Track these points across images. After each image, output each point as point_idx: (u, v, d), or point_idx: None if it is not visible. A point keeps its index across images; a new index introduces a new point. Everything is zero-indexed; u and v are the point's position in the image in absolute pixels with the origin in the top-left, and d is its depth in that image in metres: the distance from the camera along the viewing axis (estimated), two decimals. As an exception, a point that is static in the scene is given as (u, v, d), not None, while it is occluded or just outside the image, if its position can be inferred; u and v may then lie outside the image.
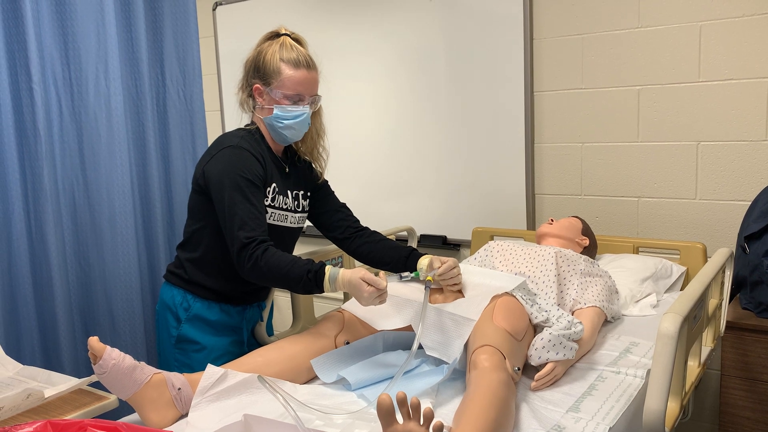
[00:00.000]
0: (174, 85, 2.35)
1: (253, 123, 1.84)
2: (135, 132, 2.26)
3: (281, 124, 1.76)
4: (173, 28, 2.34)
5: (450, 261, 1.77)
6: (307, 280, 1.60)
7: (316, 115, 1.87)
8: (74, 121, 2.10)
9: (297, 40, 1.79)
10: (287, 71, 1.73)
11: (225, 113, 3.76)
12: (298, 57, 1.74)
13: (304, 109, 1.77)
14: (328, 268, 1.61)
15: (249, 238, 1.62)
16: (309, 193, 1.94)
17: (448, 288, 1.80)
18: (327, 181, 1.99)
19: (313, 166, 1.96)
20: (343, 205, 2.00)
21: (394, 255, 1.88)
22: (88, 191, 2.13)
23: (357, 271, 1.58)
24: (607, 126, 2.63)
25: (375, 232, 1.96)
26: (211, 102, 3.76)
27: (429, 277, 1.72)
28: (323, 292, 1.63)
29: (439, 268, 1.75)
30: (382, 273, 1.62)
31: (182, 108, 2.38)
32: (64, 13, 2.06)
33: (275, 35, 1.78)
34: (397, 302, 1.75)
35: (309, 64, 1.76)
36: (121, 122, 2.15)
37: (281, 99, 1.75)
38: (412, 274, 1.80)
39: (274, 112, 1.75)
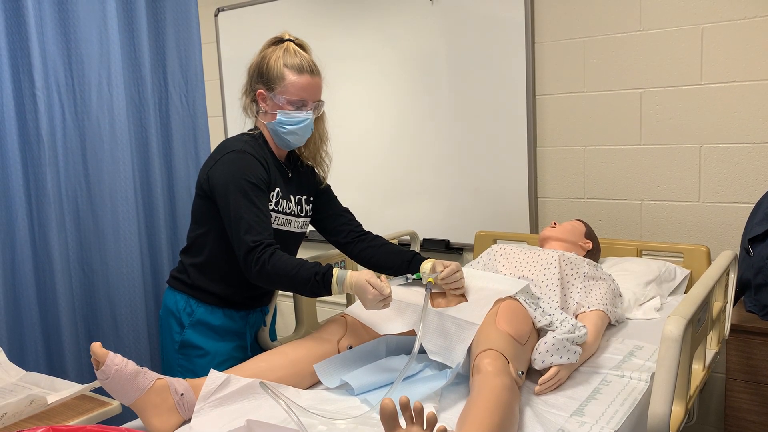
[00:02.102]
0: (176, 91, 2.36)
1: (256, 128, 1.84)
2: (138, 137, 2.26)
3: (284, 130, 1.76)
4: (175, 33, 2.34)
5: (453, 265, 1.77)
6: (315, 282, 1.60)
7: (319, 120, 1.87)
8: (77, 127, 2.11)
9: (301, 46, 1.79)
10: (291, 77, 1.73)
11: (227, 119, 3.77)
12: (301, 62, 1.74)
13: (308, 115, 1.77)
14: (336, 270, 1.61)
15: (256, 241, 1.62)
16: (312, 198, 1.94)
17: (451, 292, 1.80)
18: (329, 186, 1.99)
19: (316, 171, 1.96)
20: (346, 209, 2.00)
21: (396, 259, 1.88)
22: (91, 197, 2.14)
23: (364, 273, 1.58)
24: (610, 129, 2.63)
25: (378, 236, 1.96)
26: (214, 107, 3.76)
27: (430, 279, 1.72)
28: (331, 294, 1.62)
29: (442, 271, 1.75)
30: (383, 277, 1.62)
31: (185, 113, 2.38)
32: (67, 19, 2.06)
33: (279, 41, 1.79)
34: (400, 306, 1.75)
35: (312, 70, 1.76)
36: (124, 128, 2.16)
37: (285, 104, 1.75)
38: (414, 276, 1.79)
39: (277, 117, 1.76)
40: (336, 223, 1.96)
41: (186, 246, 1.86)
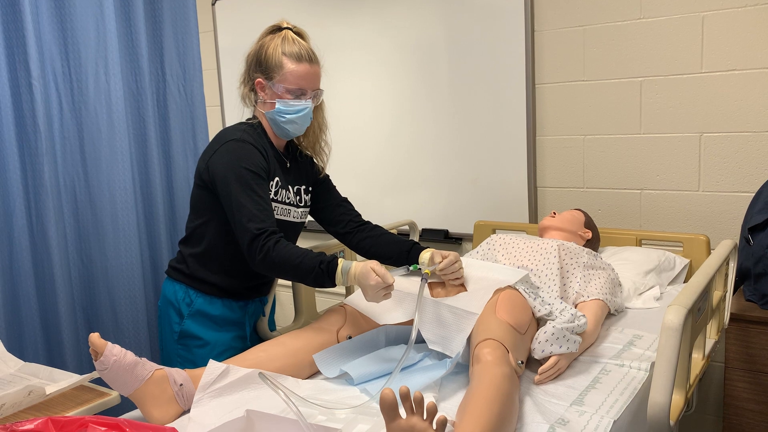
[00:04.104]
0: (174, 80, 2.35)
1: (254, 117, 1.83)
2: (136, 127, 2.25)
3: (283, 119, 1.75)
4: (173, 22, 2.33)
5: (451, 255, 1.76)
6: (320, 271, 1.59)
7: (318, 109, 1.86)
8: (74, 117, 2.10)
9: (299, 34, 1.77)
10: (289, 65, 1.72)
11: (225, 108, 3.75)
12: (300, 51, 1.73)
13: (307, 104, 1.76)
14: (341, 261, 1.60)
15: (260, 229, 1.62)
16: (310, 188, 1.93)
17: (450, 282, 1.79)
18: (328, 176, 1.99)
19: (315, 160, 1.95)
20: (345, 199, 1.99)
21: (395, 249, 1.87)
22: (89, 187, 2.13)
23: (369, 262, 1.57)
24: (610, 118, 2.62)
25: (377, 226, 1.95)
26: (211, 97, 3.75)
27: (427, 270, 1.71)
28: (334, 285, 1.61)
29: (440, 262, 1.74)
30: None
31: (183, 103, 2.37)
32: (63, 8, 2.05)
33: (277, 29, 1.77)
34: (399, 296, 1.75)
35: (311, 58, 1.75)
36: (122, 118, 2.14)
37: (283, 93, 1.74)
38: (411, 268, 1.79)
39: (276, 106, 1.75)
40: (335, 213, 1.95)
41: (185, 236, 1.86)
